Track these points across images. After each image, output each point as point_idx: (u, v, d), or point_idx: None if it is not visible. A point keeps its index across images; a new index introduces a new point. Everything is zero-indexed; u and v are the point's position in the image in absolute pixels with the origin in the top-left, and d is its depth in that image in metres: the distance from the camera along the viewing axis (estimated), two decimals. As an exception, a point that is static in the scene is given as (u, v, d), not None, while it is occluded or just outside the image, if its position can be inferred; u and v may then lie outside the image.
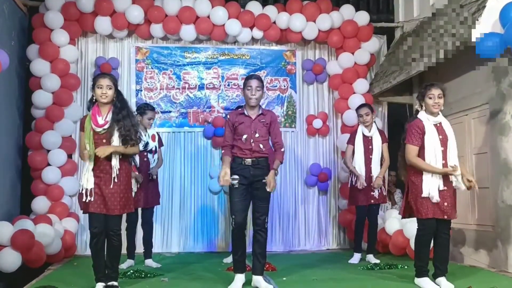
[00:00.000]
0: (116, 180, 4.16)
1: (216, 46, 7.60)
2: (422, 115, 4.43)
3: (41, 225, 5.69)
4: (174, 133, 7.40)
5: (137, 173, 5.57)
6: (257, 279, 4.41)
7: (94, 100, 4.28)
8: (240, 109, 4.67)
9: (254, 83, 4.45)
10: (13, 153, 6.74)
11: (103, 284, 4.20)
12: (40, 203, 6.55)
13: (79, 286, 4.49)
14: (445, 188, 4.32)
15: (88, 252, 6.74)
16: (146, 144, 5.76)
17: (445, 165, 4.31)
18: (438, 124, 4.41)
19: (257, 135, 4.44)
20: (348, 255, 6.29)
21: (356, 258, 6.02)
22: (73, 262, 6.17)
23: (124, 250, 4.97)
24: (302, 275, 5.12)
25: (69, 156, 6.91)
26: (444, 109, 4.53)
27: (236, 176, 4.38)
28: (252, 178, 4.40)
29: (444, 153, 4.33)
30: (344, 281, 4.87)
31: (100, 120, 4.21)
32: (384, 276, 5.00)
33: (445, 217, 4.32)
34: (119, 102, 4.29)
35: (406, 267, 5.38)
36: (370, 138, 6.01)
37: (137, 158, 5.55)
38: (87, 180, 4.15)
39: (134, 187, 5.47)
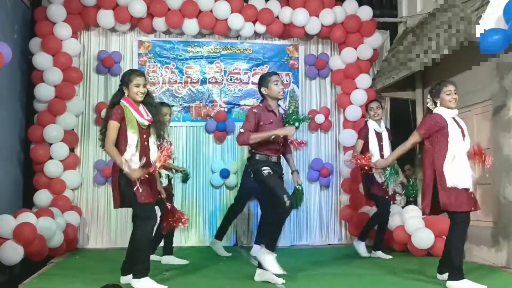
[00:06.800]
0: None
1: (218, 40, 7.58)
2: (441, 109, 4.40)
3: (43, 218, 5.70)
4: (176, 127, 7.39)
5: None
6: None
7: (125, 95, 4.25)
8: (264, 105, 4.63)
9: (279, 77, 4.62)
10: (16, 146, 6.75)
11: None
12: (42, 197, 6.57)
13: (81, 279, 4.50)
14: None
15: (90, 245, 6.88)
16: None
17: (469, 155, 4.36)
18: (455, 118, 4.45)
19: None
20: (349, 250, 6.30)
21: (363, 247, 5.97)
22: (75, 255, 6.20)
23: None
24: (303, 270, 5.13)
25: (71, 150, 6.91)
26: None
27: (267, 167, 4.49)
28: (277, 174, 4.57)
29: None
30: (344, 276, 4.88)
31: (145, 115, 4.24)
32: (385, 271, 5.01)
33: (473, 208, 4.29)
34: (150, 99, 4.35)
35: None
36: (380, 134, 6.00)
37: None
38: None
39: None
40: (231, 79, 7.58)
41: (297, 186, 4.82)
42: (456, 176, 4.24)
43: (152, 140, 4.29)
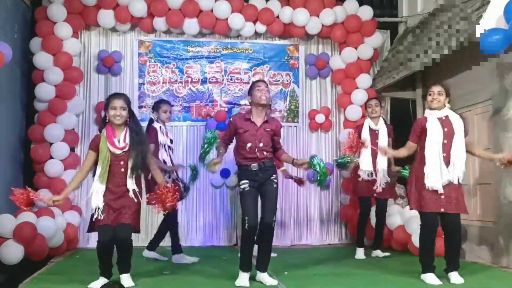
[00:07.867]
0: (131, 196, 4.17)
1: (219, 40, 7.59)
2: (426, 111, 4.61)
3: (43, 218, 5.71)
4: (176, 127, 7.39)
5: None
6: (262, 275, 4.45)
7: (107, 121, 4.20)
8: (245, 113, 4.62)
9: (263, 84, 4.54)
10: (16, 146, 6.76)
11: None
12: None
13: (81, 279, 4.49)
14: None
15: (90, 245, 6.86)
16: (171, 141, 5.82)
17: (445, 158, 4.35)
18: (443, 118, 4.46)
19: (261, 144, 4.47)
20: (349, 250, 6.30)
21: (360, 253, 5.99)
22: (75, 255, 6.20)
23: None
24: (304, 270, 5.13)
25: (72, 149, 6.92)
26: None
27: (246, 181, 4.44)
28: (261, 180, 4.47)
29: (447, 146, 4.37)
30: (344, 276, 4.88)
31: (120, 143, 4.14)
32: (385, 271, 5.01)
33: (442, 210, 4.34)
34: (133, 125, 4.23)
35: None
36: (376, 131, 5.99)
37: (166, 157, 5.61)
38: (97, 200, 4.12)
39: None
40: (231, 79, 7.58)
41: (305, 166, 4.50)
42: (424, 177, 4.37)
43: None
